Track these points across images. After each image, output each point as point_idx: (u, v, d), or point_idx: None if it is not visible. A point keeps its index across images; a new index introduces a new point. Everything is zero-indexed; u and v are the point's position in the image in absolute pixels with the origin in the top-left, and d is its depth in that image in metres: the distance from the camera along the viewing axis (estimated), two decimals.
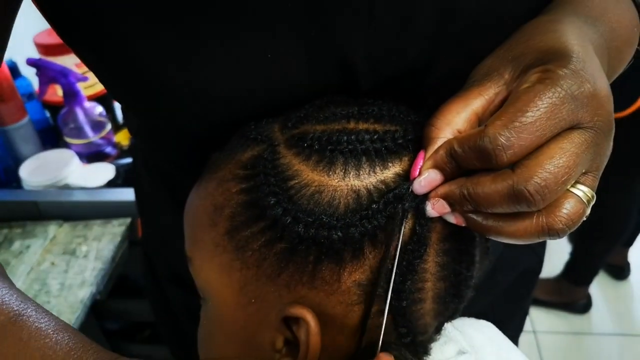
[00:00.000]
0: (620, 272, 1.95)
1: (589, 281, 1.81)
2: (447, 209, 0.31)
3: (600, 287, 1.91)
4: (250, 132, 0.36)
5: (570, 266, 1.80)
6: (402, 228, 0.32)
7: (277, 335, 0.35)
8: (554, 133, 0.28)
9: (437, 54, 0.37)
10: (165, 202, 0.56)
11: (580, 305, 1.84)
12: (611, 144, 0.30)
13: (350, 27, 0.33)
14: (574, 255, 1.79)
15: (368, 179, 0.32)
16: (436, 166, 0.31)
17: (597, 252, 1.73)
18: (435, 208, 0.31)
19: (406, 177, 0.33)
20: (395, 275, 0.32)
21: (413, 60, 0.37)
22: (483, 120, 0.32)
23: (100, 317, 0.91)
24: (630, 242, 1.88)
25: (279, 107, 0.37)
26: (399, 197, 0.32)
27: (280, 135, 0.35)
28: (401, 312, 0.34)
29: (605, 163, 0.31)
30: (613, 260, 1.93)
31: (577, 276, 1.81)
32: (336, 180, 0.32)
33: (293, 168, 0.33)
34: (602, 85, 0.29)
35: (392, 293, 0.33)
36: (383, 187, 0.32)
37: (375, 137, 0.33)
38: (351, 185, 0.32)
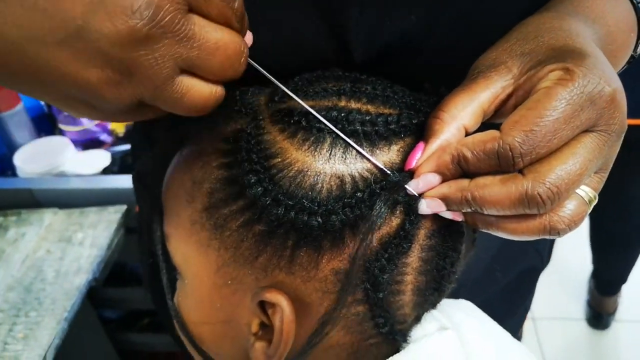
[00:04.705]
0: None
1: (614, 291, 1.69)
2: (443, 207, 0.30)
3: None
4: (234, 103, 0.35)
5: (594, 275, 1.71)
6: (382, 215, 0.30)
7: (252, 318, 0.34)
8: (570, 138, 0.28)
9: (433, 28, 0.35)
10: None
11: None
12: (621, 142, 0.30)
13: None
14: (595, 265, 1.70)
15: (354, 164, 0.31)
16: (438, 170, 0.30)
17: (618, 262, 1.63)
18: (430, 207, 0.31)
19: (396, 168, 0.32)
20: (374, 267, 0.31)
21: (408, 29, 0.35)
22: (487, 114, 0.31)
23: (97, 305, 0.91)
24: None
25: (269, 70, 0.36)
26: (387, 189, 0.30)
27: (265, 109, 0.34)
28: (378, 303, 0.33)
29: (612, 162, 0.31)
30: None
31: (603, 286, 1.70)
32: (321, 163, 0.31)
33: (277, 145, 0.32)
34: (619, 85, 0.29)
35: (369, 284, 0.32)
36: (369, 175, 0.31)
37: (367, 118, 0.32)
38: (336, 169, 0.31)
